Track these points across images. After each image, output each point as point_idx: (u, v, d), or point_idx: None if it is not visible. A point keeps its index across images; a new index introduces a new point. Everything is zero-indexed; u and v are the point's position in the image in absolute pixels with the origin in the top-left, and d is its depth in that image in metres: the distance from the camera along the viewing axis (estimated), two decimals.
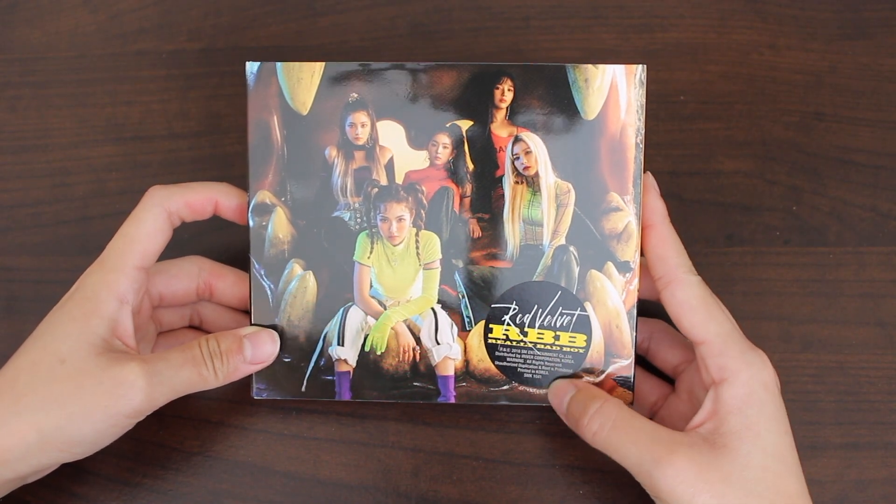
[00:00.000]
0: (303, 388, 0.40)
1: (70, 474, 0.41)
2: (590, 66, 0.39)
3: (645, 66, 0.39)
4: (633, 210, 0.39)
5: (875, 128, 0.49)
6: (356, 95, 0.39)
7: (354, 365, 0.40)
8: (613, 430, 0.36)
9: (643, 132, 0.39)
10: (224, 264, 0.42)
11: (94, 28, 0.51)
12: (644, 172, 0.39)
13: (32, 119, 0.49)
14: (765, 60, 0.50)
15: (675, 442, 0.35)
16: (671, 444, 0.35)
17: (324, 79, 0.39)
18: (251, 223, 0.39)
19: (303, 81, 0.39)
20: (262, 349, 0.39)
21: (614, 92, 0.39)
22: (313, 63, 0.39)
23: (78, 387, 0.34)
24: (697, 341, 0.37)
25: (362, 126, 0.39)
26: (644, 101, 0.39)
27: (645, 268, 0.40)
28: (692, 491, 0.34)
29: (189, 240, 0.46)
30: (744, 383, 0.36)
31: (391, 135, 0.39)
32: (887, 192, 0.48)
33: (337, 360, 0.40)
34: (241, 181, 0.41)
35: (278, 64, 0.39)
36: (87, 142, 0.49)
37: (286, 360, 0.40)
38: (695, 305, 0.37)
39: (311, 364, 0.40)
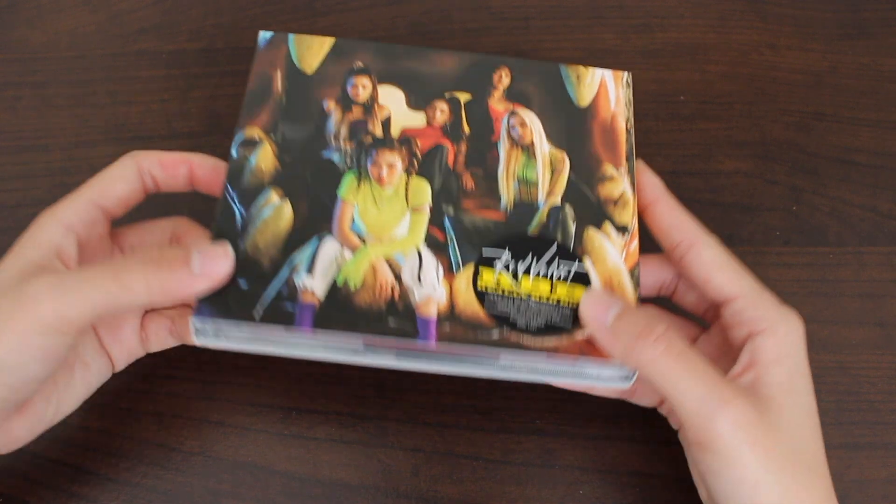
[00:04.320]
0: (257, 316, 0.34)
1: (70, 474, 0.41)
2: (580, 66, 0.42)
3: (630, 73, 0.42)
4: (627, 181, 0.39)
5: (875, 128, 0.49)
6: (361, 64, 0.41)
7: (322, 298, 0.35)
8: (681, 358, 0.32)
9: (633, 121, 0.41)
10: (200, 225, 0.41)
11: (94, 28, 0.51)
12: (637, 158, 0.40)
13: (32, 119, 0.49)
14: (765, 60, 0.50)
15: (736, 387, 0.33)
16: (734, 389, 0.33)
17: (332, 50, 0.41)
18: (234, 154, 0.38)
19: (312, 49, 0.41)
20: (213, 262, 0.33)
21: (604, 88, 0.41)
22: (324, 37, 0.41)
23: None
24: (731, 297, 0.36)
25: (363, 87, 0.41)
26: (631, 98, 0.41)
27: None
28: (751, 441, 0.32)
29: None
30: (784, 334, 0.35)
31: (391, 97, 0.41)
32: (887, 192, 0.48)
33: (303, 290, 0.35)
34: None
35: (290, 35, 0.41)
36: (87, 142, 0.49)
37: (242, 286, 0.35)
38: (723, 263, 0.36)
39: (273, 292, 0.35)
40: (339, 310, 0.35)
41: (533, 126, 0.40)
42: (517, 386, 0.43)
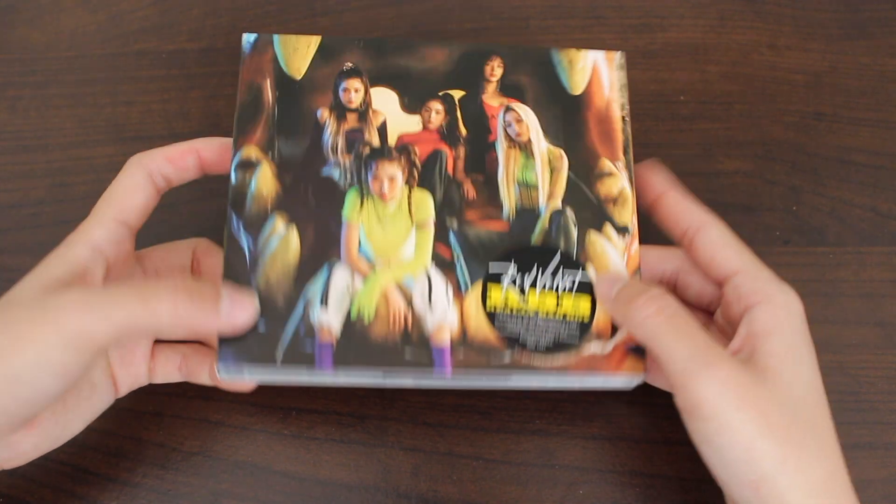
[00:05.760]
0: (278, 359, 0.35)
1: (70, 474, 0.41)
2: (572, 49, 0.41)
3: (623, 52, 0.42)
4: (625, 176, 0.40)
5: (875, 128, 0.49)
6: (351, 64, 0.40)
7: (338, 335, 0.36)
8: (671, 319, 0.33)
9: (628, 107, 0.41)
10: (220, 246, 0.40)
11: (94, 28, 0.51)
12: (652, 158, 0.40)
13: (32, 119, 0.49)
14: (765, 60, 0.50)
15: (725, 354, 0.33)
16: (722, 354, 0.33)
17: (320, 49, 0.40)
18: (233, 179, 0.38)
19: (299, 51, 0.40)
20: (240, 311, 0.34)
21: (597, 73, 0.41)
22: (310, 36, 0.40)
23: (12, 318, 0.32)
24: (731, 272, 0.36)
25: (356, 91, 0.40)
26: (626, 81, 0.41)
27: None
28: (738, 403, 0.32)
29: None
30: (781, 305, 0.35)
31: (384, 100, 0.40)
32: (887, 192, 0.48)
33: (319, 327, 0.36)
34: None
35: (275, 35, 0.40)
36: (87, 142, 0.49)
37: (260, 330, 0.36)
38: (727, 242, 0.37)
39: (290, 332, 0.36)
40: (356, 345, 0.36)
41: (529, 122, 0.40)
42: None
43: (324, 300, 0.36)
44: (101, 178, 0.48)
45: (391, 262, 0.37)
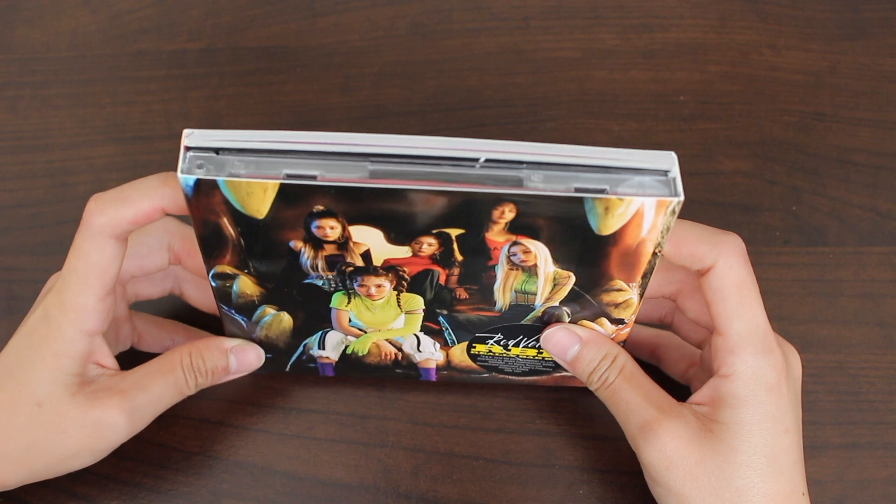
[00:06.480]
0: (287, 369, 0.41)
1: (70, 474, 0.41)
2: (613, 198, 0.30)
3: (682, 200, 0.30)
4: (636, 293, 0.35)
5: (875, 128, 0.49)
6: (322, 207, 0.31)
7: (336, 359, 0.41)
8: (614, 389, 0.37)
9: (664, 245, 0.32)
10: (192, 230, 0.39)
11: (94, 28, 0.51)
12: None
13: (32, 119, 0.49)
14: (765, 60, 0.50)
15: (665, 413, 0.35)
16: (660, 415, 0.35)
17: (280, 195, 0.30)
18: (214, 284, 0.36)
19: (254, 196, 0.30)
20: (247, 362, 0.40)
21: (638, 217, 0.31)
22: (265, 181, 0.29)
23: (61, 432, 0.35)
24: (717, 331, 0.36)
25: (331, 228, 0.32)
26: (672, 224, 0.31)
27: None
28: (667, 464, 0.35)
29: None
30: (744, 385, 0.35)
31: (366, 235, 0.32)
32: (887, 192, 0.48)
33: (319, 357, 0.41)
34: None
35: (219, 180, 0.30)
36: (87, 142, 0.49)
37: (268, 356, 0.40)
38: (727, 295, 0.35)
39: (293, 358, 0.41)
40: (352, 365, 0.41)
41: (538, 252, 0.33)
42: (517, 386, 0.43)
43: (321, 346, 0.40)
44: (101, 178, 0.48)
45: (381, 331, 0.39)
